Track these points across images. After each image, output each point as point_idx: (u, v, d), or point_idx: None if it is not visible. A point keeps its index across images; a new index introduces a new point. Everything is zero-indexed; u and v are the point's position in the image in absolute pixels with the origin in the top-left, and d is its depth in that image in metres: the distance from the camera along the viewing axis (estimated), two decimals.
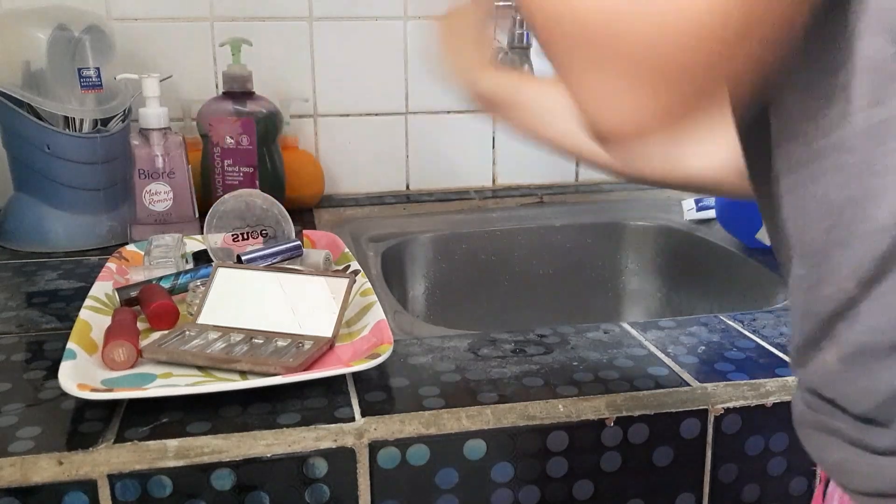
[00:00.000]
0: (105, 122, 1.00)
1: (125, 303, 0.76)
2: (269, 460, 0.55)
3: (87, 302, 0.73)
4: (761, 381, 0.64)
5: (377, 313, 0.71)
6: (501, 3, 1.16)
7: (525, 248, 1.19)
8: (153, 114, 0.99)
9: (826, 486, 0.44)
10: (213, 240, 0.85)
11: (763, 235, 0.94)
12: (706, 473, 0.63)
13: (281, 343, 0.68)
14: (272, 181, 1.11)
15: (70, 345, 0.64)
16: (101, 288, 0.78)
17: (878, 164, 0.34)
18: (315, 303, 0.70)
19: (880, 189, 0.34)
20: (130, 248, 0.91)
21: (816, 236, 0.37)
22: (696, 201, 1.21)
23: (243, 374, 0.64)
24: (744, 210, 1.02)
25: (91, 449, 0.54)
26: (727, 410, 0.62)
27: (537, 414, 0.60)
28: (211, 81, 1.20)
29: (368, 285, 0.77)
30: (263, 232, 0.87)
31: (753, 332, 0.74)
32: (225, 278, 0.74)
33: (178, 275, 0.80)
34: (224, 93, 1.11)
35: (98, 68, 0.99)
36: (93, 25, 1.00)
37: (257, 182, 1.08)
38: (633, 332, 0.73)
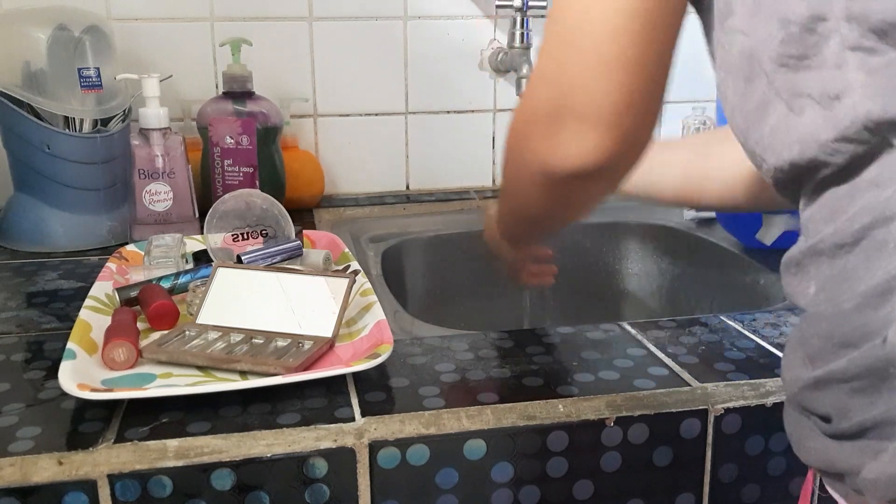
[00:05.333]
0: (105, 122, 1.00)
1: (125, 303, 0.76)
2: (269, 460, 0.55)
3: (87, 302, 0.73)
4: (761, 381, 0.64)
5: (377, 313, 0.71)
6: (501, 3, 1.17)
7: None
8: (153, 114, 0.99)
9: (816, 478, 0.48)
10: (213, 240, 0.85)
11: (763, 235, 0.94)
12: (706, 473, 0.63)
13: (281, 343, 0.68)
14: (272, 181, 1.11)
15: (70, 345, 0.64)
16: (101, 288, 0.78)
17: None
18: (315, 303, 0.70)
19: None
20: (130, 248, 0.91)
21: None
22: None
23: (243, 374, 0.64)
24: None
25: (91, 449, 0.54)
26: (727, 410, 0.62)
27: (537, 414, 0.60)
28: (211, 81, 1.20)
29: (368, 285, 0.77)
30: (263, 232, 0.87)
31: (753, 332, 0.74)
32: (225, 278, 0.74)
33: (178, 275, 0.80)
34: (224, 93, 1.11)
35: (98, 68, 0.99)
36: (93, 25, 1.00)
37: (257, 182, 1.08)
38: (633, 332, 0.73)
